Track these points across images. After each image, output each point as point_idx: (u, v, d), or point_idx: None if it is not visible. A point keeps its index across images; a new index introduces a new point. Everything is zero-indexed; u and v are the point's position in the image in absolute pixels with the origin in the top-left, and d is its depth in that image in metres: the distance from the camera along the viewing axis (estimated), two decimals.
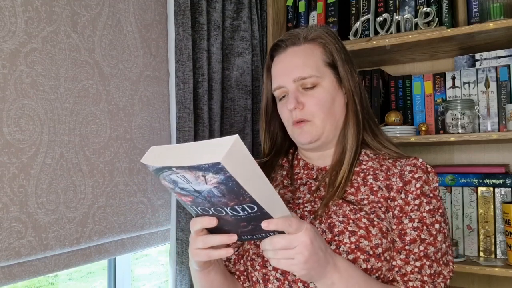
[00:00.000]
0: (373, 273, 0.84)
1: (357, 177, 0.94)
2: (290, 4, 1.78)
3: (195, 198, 0.67)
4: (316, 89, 0.94)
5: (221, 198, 0.64)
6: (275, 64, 1.00)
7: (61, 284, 1.81)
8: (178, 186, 0.66)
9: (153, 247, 1.36)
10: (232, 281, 0.95)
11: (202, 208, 0.69)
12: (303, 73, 0.93)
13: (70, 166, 1.06)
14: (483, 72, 1.49)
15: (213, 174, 0.60)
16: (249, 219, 0.68)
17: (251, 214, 0.66)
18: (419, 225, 0.87)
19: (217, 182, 0.61)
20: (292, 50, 0.96)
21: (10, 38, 0.95)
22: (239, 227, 0.70)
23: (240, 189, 0.61)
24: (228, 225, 0.71)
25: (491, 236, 1.44)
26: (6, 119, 0.93)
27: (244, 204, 0.64)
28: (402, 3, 1.58)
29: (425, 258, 0.86)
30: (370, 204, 0.89)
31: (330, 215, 0.89)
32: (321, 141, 0.95)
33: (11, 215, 0.93)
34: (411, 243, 0.87)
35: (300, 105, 0.93)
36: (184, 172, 0.62)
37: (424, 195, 0.89)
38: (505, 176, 1.44)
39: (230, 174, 0.58)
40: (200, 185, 0.63)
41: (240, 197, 0.63)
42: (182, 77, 1.33)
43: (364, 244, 0.84)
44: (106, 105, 1.17)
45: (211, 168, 0.58)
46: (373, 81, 1.62)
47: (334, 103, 0.95)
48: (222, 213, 0.68)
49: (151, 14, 1.34)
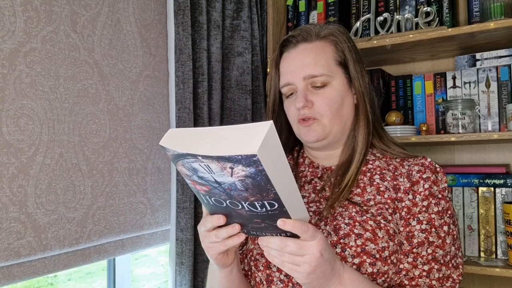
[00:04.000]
0: (379, 276, 0.82)
1: (364, 177, 0.92)
2: (290, 3, 1.77)
3: (212, 189, 0.62)
4: (326, 88, 0.92)
5: (242, 192, 0.60)
6: (284, 60, 0.97)
7: (60, 284, 1.81)
8: (197, 174, 0.61)
9: (153, 248, 1.36)
10: (246, 280, 0.94)
11: (216, 199, 0.65)
12: (314, 71, 0.91)
13: (70, 166, 1.06)
14: (483, 72, 1.48)
15: (243, 167, 0.55)
16: (265, 217, 0.64)
17: (269, 212, 0.63)
18: (427, 227, 0.85)
19: (244, 175, 0.57)
20: (304, 47, 0.94)
21: (9, 37, 0.94)
22: (251, 222, 0.67)
23: (267, 185, 0.57)
24: (239, 219, 0.67)
25: (492, 237, 1.43)
26: (6, 119, 0.93)
27: (266, 201, 0.61)
28: (403, 2, 1.57)
29: (433, 261, 0.84)
30: (377, 205, 0.87)
31: (336, 216, 0.87)
32: (328, 140, 0.94)
33: (10, 215, 0.93)
34: (419, 245, 0.85)
35: (309, 104, 0.91)
36: (210, 162, 0.57)
37: (432, 196, 0.87)
38: (506, 176, 1.43)
39: (262, 168, 0.54)
40: (223, 177, 0.59)
41: (264, 192, 0.59)
42: (181, 77, 1.33)
43: (371, 247, 0.82)
44: (105, 105, 1.17)
45: (244, 160, 0.54)
46: (374, 81, 1.62)
47: (343, 104, 0.93)
48: (238, 207, 0.64)
49: (151, 13, 1.34)
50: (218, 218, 0.70)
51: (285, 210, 0.62)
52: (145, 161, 1.28)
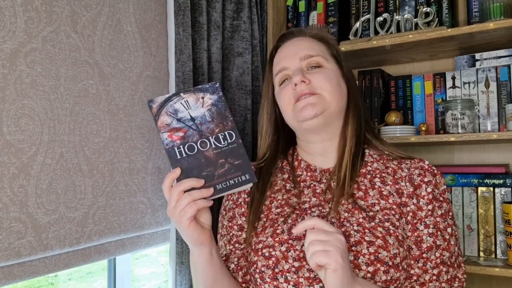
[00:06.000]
0: (392, 283, 0.81)
1: (364, 179, 0.92)
2: (290, 4, 1.78)
3: (187, 130, 0.82)
4: (322, 69, 0.94)
5: (210, 124, 0.83)
6: (279, 51, 1.00)
7: (61, 284, 1.81)
8: (177, 117, 0.82)
9: (153, 247, 1.36)
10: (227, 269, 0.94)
11: (189, 145, 0.82)
12: (310, 51, 0.94)
13: (70, 166, 1.06)
14: (483, 72, 1.49)
15: (210, 95, 0.84)
16: (228, 153, 0.82)
17: (229, 146, 0.82)
18: (434, 231, 0.87)
19: (211, 103, 0.83)
20: (298, 38, 0.99)
21: (10, 38, 0.94)
22: (217, 167, 0.82)
23: (225, 111, 0.83)
24: (207, 167, 0.82)
25: (491, 236, 1.44)
26: (6, 119, 0.93)
27: (226, 131, 0.83)
28: (402, 3, 1.58)
29: (441, 264, 0.86)
30: (383, 211, 0.87)
31: (343, 222, 0.86)
32: (325, 117, 0.91)
33: (11, 215, 0.93)
34: (428, 250, 0.86)
35: (306, 80, 0.90)
36: (189, 96, 0.83)
37: (435, 199, 0.88)
38: (505, 176, 1.44)
39: (221, 94, 0.84)
40: (197, 109, 0.83)
41: (224, 121, 0.83)
42: (182, 77, 1.33)
43: (383, 255, 0.81)
44: (106, 105, 1.17)
45: (210, 88, 0.84)
46: (373, 81, 1.62)
47: (340, 86, 0.95)
48: (206, 147, 0.82)
49: (151, 14, 1.34)
50: (199, 181, 0.80)
51: (240, 142, 0.82)
52: (145, 161, 1.28)
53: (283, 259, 0.85)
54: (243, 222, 0.97)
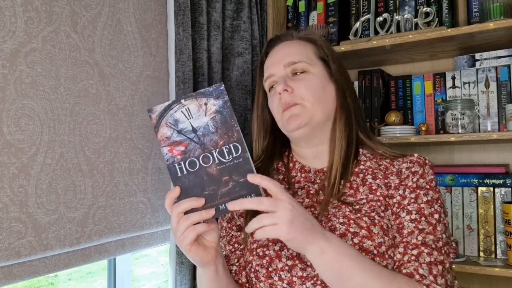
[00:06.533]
0: None
1: (356, 178, 0.93)
2: (290, 4, 1.78)
3: (189, 144, 0.75)
4: (306, 74, 0.95)
5: (213, 136, 0.75)
6: (268, 58, 1.01)
7: (61, 284, 1.81)
8: (177, 128, 0.76)
9: (153, 247, 1.36)
10: (234, 282, 0.93)
11: (190, 161, 0.75)
12: (293, 58, 0.95)
13: (70, 166, 1.06)
14: (483, 72, 1.49)
15: (214, 100, 0.75)
16: (232, 169, 0.74)
17: (234, 161, 0.74)
18: (416, 217, 0.85)
19: (215, 110, 0.75)
20: (285, 43, 1.00)
21: (10, 38, 0.94)
22: (221, 185, 0.75)
23: (231, 119, 0.74)
24: (209, 185, 0.75)
25: (491, 236, 1.44)
26: (6, 119, 0.93)
27: (231, 144, 0.74)
28: (402, 3, 1.58)
29: (423, 246, 0.82)
30: (369, 203, 0.88)
31: (330, 218, 0.88)
32: (311, 126, 0.93)
33: (11, 215, 0.93)
34: (409, 235, 0.84)
35: (289, 88, 0.92)
36: (190, 102, 0.75)
37: (420, 187, 0.88)
38: (505, 176, 1.44)
39: (227, 98, 0.74)
40: (199, 118, 0.75)
41: (230, 131, 0.74)
42: (182, 77, 1.33)
43: (368, 244, 0.83)
44: (106, 105, 1.17)
45: (214, 91, 0.75)
46: (373, 81, 1.62)
47: (325, 91, 0.95)
48: (209, 162, 0.75)
49: (151, 14, 1.34)
50: (198, 200, 0.74)
51: (247, 156, 0.74)
52: (145, 161, 1.28)
53: (277, 258, 0.87)
54: (242, 223, 0.99)
